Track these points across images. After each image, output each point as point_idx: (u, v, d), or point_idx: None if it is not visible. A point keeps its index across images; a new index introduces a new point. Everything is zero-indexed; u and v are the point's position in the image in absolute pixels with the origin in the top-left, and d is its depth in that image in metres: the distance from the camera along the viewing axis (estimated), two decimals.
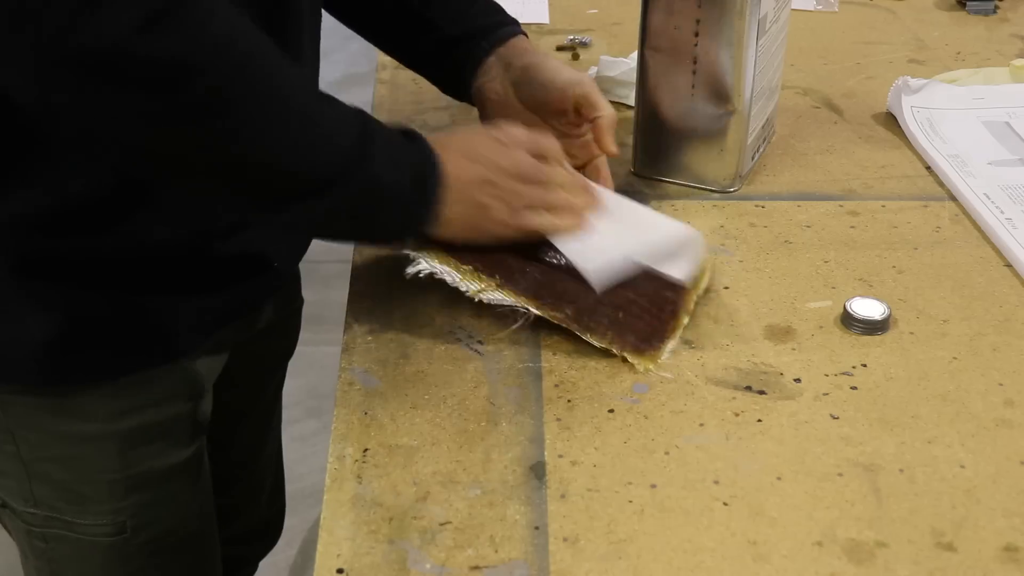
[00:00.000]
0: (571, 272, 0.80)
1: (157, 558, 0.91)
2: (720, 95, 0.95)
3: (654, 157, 1.00)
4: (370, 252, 0.89)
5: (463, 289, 0.78)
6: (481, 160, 0.77)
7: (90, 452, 0.84)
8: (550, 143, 0.81)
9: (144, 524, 0.89)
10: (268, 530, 1.26)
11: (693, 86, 0.96)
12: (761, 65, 0.96)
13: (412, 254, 0.79)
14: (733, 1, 0.91)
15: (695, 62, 0.95)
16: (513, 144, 0.79)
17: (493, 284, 0.78)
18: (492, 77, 0.92)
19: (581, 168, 0.90)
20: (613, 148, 0.89)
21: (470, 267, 0.79)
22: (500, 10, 0.96)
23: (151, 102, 0.62)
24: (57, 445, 0.83)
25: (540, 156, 0.80)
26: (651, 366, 0.76)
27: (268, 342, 1.05)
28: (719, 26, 0.93)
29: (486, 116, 0.93)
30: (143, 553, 0.90)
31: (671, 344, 0.78)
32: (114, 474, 0.85)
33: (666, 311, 0.80)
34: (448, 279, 0.78)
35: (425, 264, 0.78)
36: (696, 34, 0.94)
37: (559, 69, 0.90)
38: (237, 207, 0.75)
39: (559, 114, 0.90)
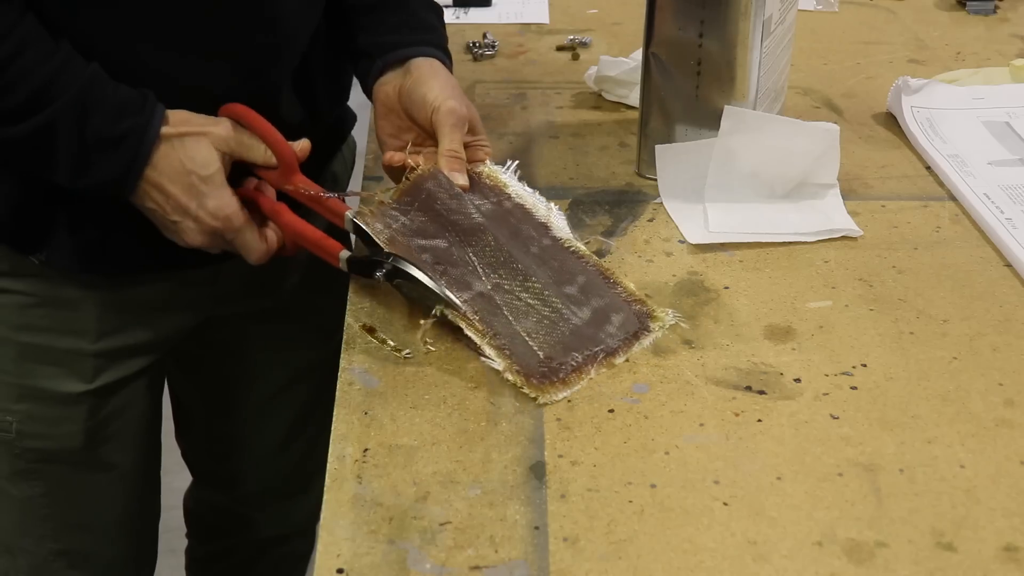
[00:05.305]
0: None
1: (43, 470, 0.97)
2: (724, 97, 0.95)
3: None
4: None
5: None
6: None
7: None
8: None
9: (31, 434, 0.95)
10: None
11: (697, 87, 0.96)
12: (766, 67, 0.95)
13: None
14: (737, 2, 0.91)
15: (699, 63, 0.95)
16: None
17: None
18: (387, 81, 0.92)
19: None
20: (461, 180, 0.86)
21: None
22: (430, 28, 0.95)
23: None
24: None
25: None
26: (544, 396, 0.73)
27: (243, 313, 1.03)
28: (723, 27, 0.93)
29: (376, 116, 0.94)
30: (26, 459, 0.96)
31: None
32: (8, 376, 0.93)
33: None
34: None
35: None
36: (700, 35, 0.93)
37: (436, 89, 0.88)
38: None
39: (429, 133, 0.89)
